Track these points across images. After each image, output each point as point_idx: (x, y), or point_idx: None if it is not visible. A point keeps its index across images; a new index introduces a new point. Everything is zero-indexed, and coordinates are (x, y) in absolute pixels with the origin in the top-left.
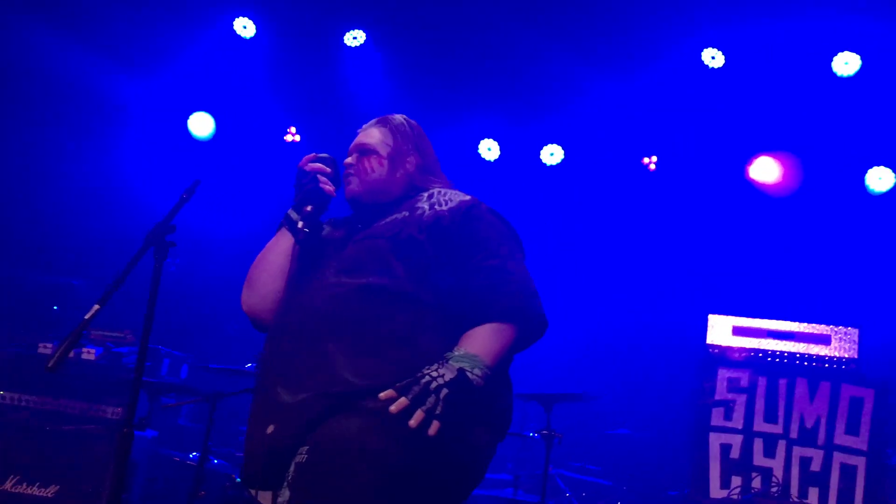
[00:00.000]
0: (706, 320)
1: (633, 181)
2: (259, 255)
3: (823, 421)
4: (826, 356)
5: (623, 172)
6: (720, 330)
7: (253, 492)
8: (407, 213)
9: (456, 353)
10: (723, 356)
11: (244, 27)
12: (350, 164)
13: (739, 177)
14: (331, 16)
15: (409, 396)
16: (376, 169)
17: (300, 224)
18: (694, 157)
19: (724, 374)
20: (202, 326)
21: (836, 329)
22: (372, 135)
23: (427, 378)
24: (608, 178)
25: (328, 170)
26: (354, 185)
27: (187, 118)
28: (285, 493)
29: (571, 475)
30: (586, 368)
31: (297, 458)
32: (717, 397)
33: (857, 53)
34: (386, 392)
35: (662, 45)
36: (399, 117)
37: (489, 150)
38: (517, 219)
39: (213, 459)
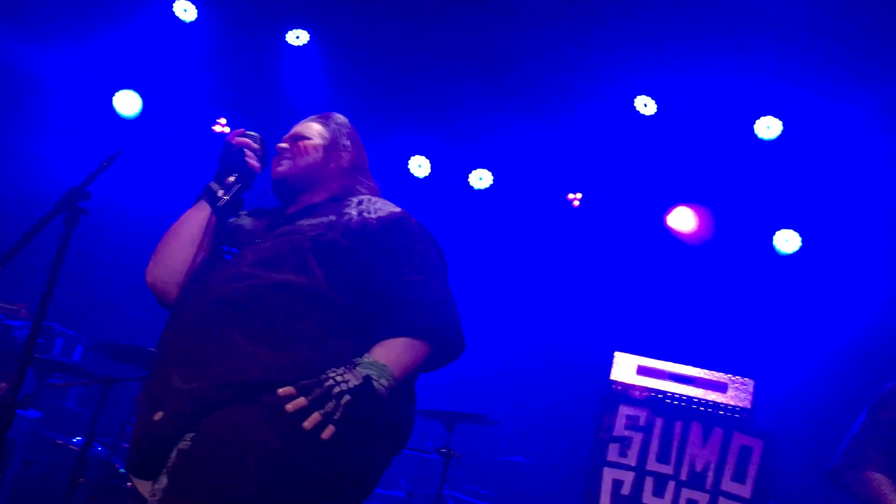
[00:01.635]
0: (612, 357)
1: (557, 214)
2: (172, 226)
3: (713, 466)
4: (722, 403)
5: (548, 205)
6: (625, 368)
7: (131, 482)
8: (334, 217)
9: (365, 360)
10: (625, 394)
11: (185, 10)
12: (284, 149)
13: (658, 223)
14: (276, 11)
15: (309, 397)
16: (311, 154)
17: (220, 192)
18: (617, 199)
19: (623, 411)
20: (104, 308)
21: (733, 378)
22: (310, 126)
23: (331, 381)
24: (533, 209)
25: (256, 146)
26: (285, 166)
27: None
28: (163, 480)
29: (464, 498)
30: (491, 391)
31: (181, 445)
32: (614, 433)
33: (779, 119)
34: (285, 389)
35: (598, 87)
36: (340, 116)
37: (419, 166)
38: (440, 237)
39: (98, 447)
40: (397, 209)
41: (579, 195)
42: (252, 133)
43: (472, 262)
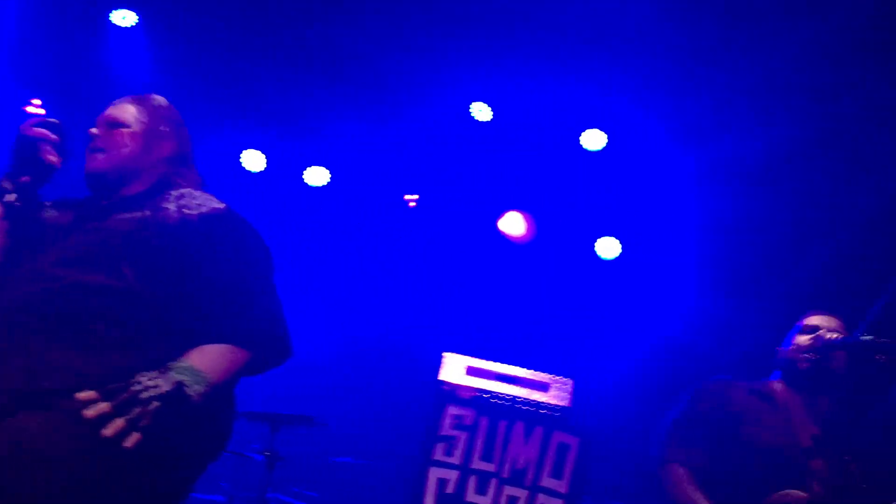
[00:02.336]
0: (441, 357)
1: (393, 215)
2: None
3: (533, 463)
4: (543, 402)
5: (384, 205)
6: (454, 368)
7: None
8: (150, 213)
9: (179, 365)
10: (453, 394)
11: None
12: (96, 136)
13: (490, 226)
14: None
15: (113, 403)
16: (128, 144)
17: (12, 197)
18: (452, 201)
19: (451, 410)
20: None
21: (554, 378)
22: (126, 109)
23: (139, 386)
24: (369, 208)
25: (54, 137)
26: (100, 160)
27: None
28: None
29: (288, 500)
30: (320, 392)
31: None
32: (441, 433)
33: (604, 132)
34: (86, 393)
35: (436, 91)
36: (159, 98)
37: (253, 161)
38: (274, 234)
39: None
40: (220, 204)
41: (416, 196)
42: (51, 120)
43: (305, 260)
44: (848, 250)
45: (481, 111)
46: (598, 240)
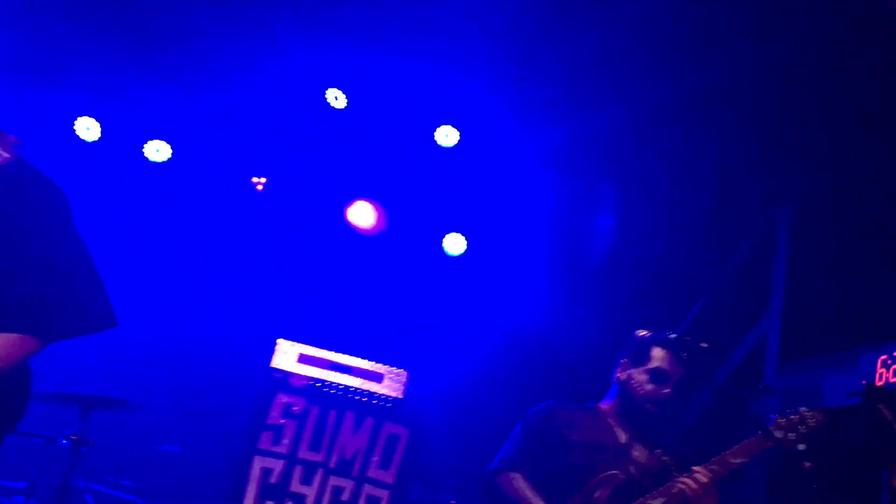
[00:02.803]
0: (275, 343)
1: (238, 197)
2: None
3: (361, 454)
4: (376, 393)
5: (230, 186)
6: (287, 355)
7: None
8: None
9: None
10: (284, 381)
11: None
12: None
13: (338, 215)
14: None
15: None
16: None
17: None
18: (301, 187)
19: (281, 398)
20: None
21: (389, 369)
22: None
23: None
24: (213, 188)
25: None
26: None
27: None
28: None
29: (103, 489)
30: (144, 375)
31: None
32: (269, 421)
33: (457, 129)
34: None
35: (291, 74)
36: None
37: (88, 129)
38: (110, 206)
39: None
40: (5, 153)
41: (264, 180)
42: None
43: (140, 236)
44: (681, 245)
45: (337, 98)
46: (446, 235)
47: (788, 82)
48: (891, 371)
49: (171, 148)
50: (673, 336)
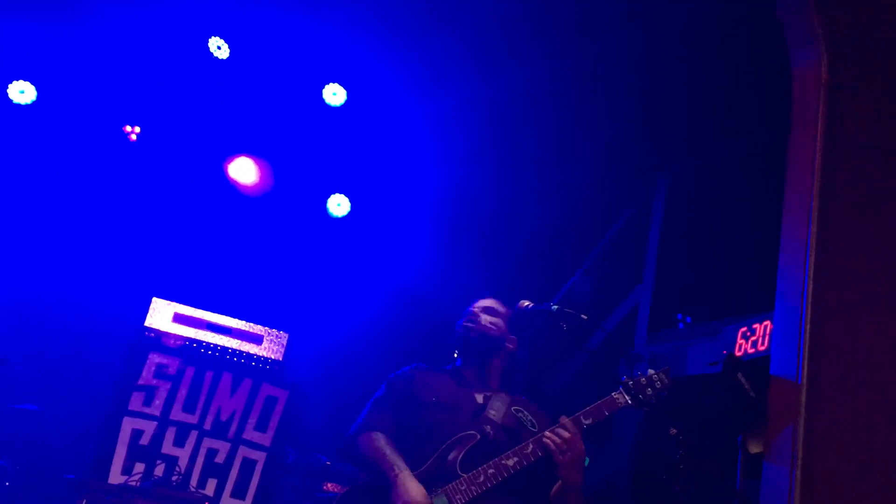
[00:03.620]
0: (149, 302)
1: (110, 146)
2: None
3: (238, 416)
4: (255, 355)
5: (101, 135)
6: (161, 315)
7: None
8: None
9: None
10: (158, 341)
11: None
12: None
13: (218, 170)
14: None
15: None
16: None
17: None
18: (179, 139)
19: (154, 359)
20: None
21: (269, 331)
22: None
23: None
24: (82, 136)
25: None
26: None
27: None
28: None
29: None
30: (3, 331)
31: None
32: (141, 382)
33: (344, 88)
34: None
35: (171, 21)
36: None
37: None
38: None
39: None
40: None
41: (138, 129)
42: None
43: (2, 182)
44: (562, 214)
45: (220, 48)
46: (330, 196)
47: (670, 56)
48: (749, 342)
49: (37, 90)
50: (555, 307)
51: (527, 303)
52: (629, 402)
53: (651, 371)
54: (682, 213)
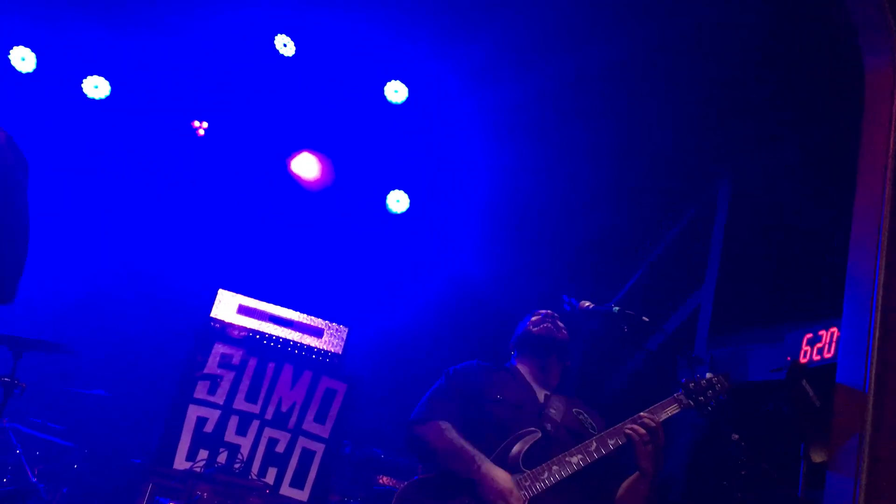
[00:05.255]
0: (215, 293)
1: (179, 140)
2: None
3: (298, 407)
4: (316, 347)
5: (171, 130)
6: (226, 306)
7: None
8: None
9: None
10: (223, 332)
11: None
12: None
13: (281, 165)
14: None
15: None
16: None
17: None
18: (245, 135)
19: (219, 349)
20: None
21: (329, 324)
22: None
23: None
24: (153, 130)
25: None
26: None
27: None
28: None
29: (28, 431)
30: (75, 319)
31: None
32: (206, 371)
33: (406, 85)
34: None
35: (238, 18)
36: None
37: (23, 59)
38: (43, 141)
39: None
40: None
41: (205, 124)
42: None
43: (75, 175)
44: (621, 214)
45: (286, 45)
46: (390, 193)
47: (738, 51)
48: (815, 349)
49: (111, 85)
50: (616, 308)
51: (587, 303)
52: (689, 404)
53: (710, 374)
54: (746, 214)
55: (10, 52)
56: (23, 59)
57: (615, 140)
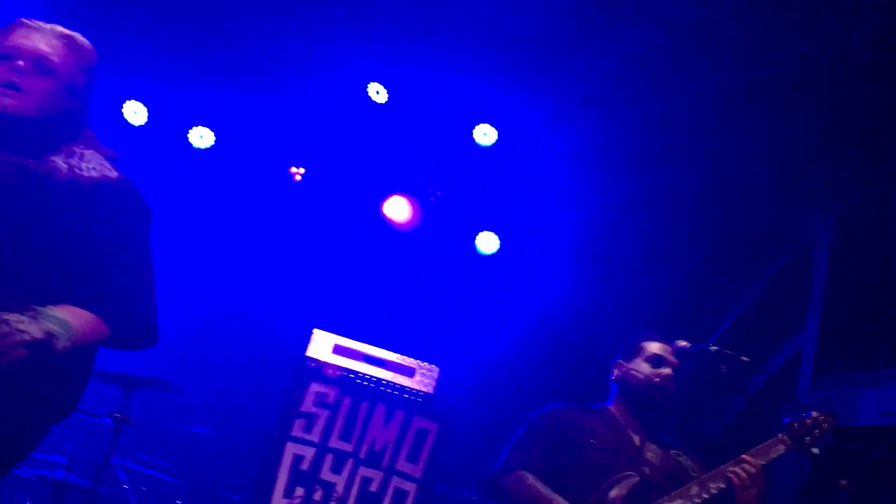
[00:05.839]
0: (311, 333)
1: (276, 186)
2: None
3: (391, 446)
4: (407, 387)
5: (269, 175)
6: (321, 345)
7: None
8: (32, 161)
9: (50, 314)
10: (318, 371)
11: None
12: (20, 71)
13: (374, 208)
14: None
15: None
16: (51, 96)
17: None
18: (338, 179)
19: (315, 387)
20: None
21: (421, 364)
22: (55, 48)
23: (5, 328)
24: (253, 177)
25: None
26: (15, 102)
27: None
28: None
29: (135, 467)
30: (179, 359)
31: None
32: (302, 409)
33: (495, 127)
34: None
35: (333, 66)
36: (85, 42)
37: (135, 113)
38: (154, 190)
39: None
40: (114, 173)
41: (302, 170)
42: None
43: (181, 220)
44: (716, 250)
45: (378, 93)
46: (479, 234)
47: (832, 79)
48: None
49: (215, 135)
50: (714, 348)
51: (683, 343)
52: (794, 445)
53: (815, 413)
54: (851, 250)
55: (124, 106)
56: (135, 113)
57: (708, 177)
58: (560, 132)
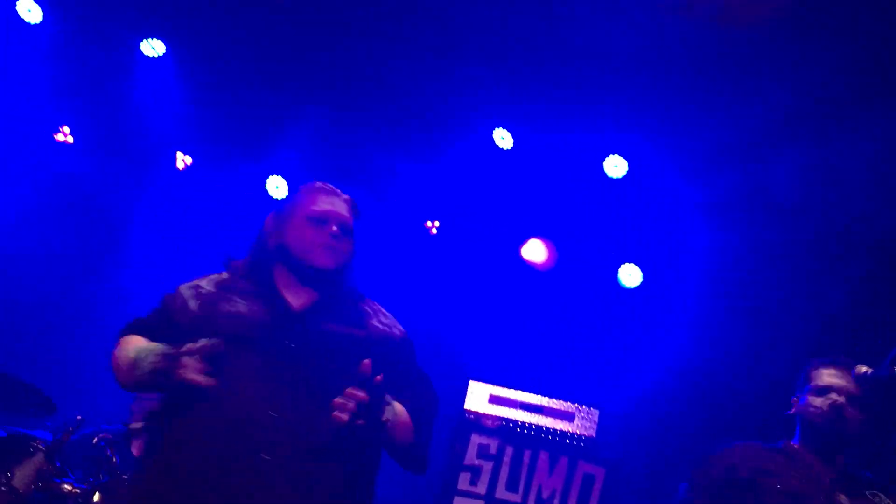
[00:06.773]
0: (466, 385)
1: (414, 241)
2: None
3: (558, 493)
4: (568, 432)
5: (406, 231)
6: (478, 397)
7: None
8: (356, 328)
9: (395, 404)
10: (477, 422)
11: (29, 11)
12: (337, 237)
13: (512, 253)
14: (130, 18)
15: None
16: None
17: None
18: (474, 228)
19: (476, 439)
20: None
21: (579, 408)
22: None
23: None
24: (391, 234)
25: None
26: (334, 258)
27: None
28: None
29: None
30: None
31: None
32: (466, 462)
33: (625, 159)
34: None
35: (458, 118)
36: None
37: (277, 188)
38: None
39: None
40: (401, 326)
41: (437, 223)
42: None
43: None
44: (861, 285)
45: (503, 139)
46: (621, 267)
47: None
48: None
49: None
50: None
51: (864, 368)
52: None
53: None
54: None
55: (267, 181)
56: (277, 188)
57: (843, 227)
58: (687, 172)
